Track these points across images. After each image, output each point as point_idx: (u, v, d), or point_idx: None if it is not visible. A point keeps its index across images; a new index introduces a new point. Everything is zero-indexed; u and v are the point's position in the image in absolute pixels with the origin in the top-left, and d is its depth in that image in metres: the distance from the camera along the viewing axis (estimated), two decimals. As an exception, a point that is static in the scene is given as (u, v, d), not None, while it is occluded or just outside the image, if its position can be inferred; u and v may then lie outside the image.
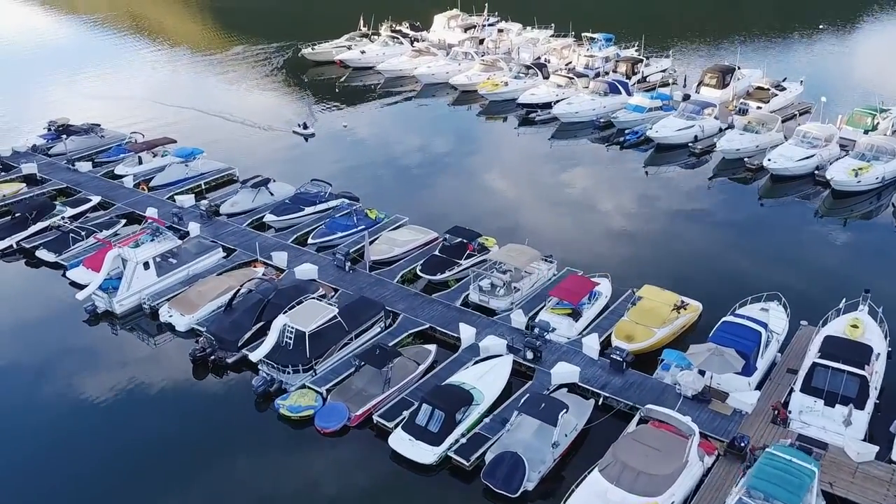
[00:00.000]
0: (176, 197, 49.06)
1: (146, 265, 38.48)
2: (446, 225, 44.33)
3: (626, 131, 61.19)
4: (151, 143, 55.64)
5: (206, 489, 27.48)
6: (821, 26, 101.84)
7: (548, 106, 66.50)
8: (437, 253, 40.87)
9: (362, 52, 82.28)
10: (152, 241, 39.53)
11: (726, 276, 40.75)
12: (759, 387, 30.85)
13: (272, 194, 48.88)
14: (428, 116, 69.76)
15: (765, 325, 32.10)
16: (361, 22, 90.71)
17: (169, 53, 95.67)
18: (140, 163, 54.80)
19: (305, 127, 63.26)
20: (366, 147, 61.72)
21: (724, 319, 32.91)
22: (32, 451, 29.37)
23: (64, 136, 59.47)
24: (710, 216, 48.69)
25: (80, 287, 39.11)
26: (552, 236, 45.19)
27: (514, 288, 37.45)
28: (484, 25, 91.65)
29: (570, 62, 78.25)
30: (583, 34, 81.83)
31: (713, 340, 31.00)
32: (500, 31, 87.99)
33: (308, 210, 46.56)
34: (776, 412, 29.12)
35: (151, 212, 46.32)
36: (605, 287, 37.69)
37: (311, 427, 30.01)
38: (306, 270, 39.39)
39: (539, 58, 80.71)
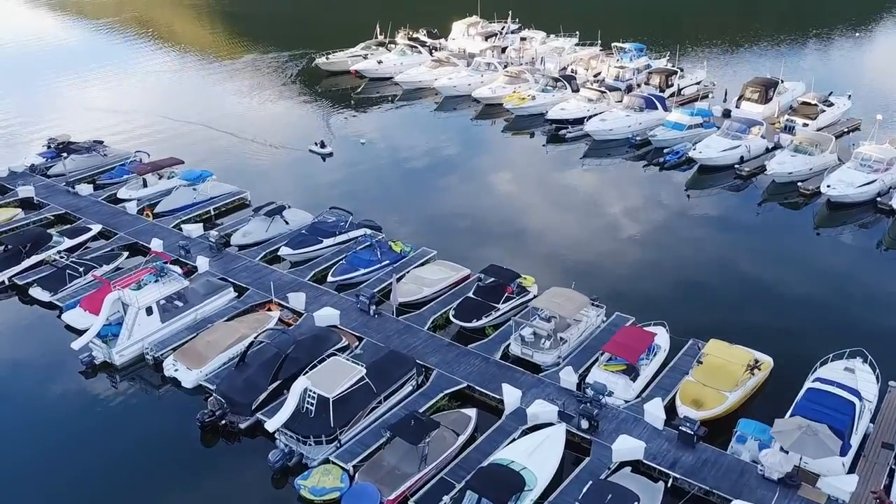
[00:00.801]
0: (183, 226, 45.13)
1: (149, 310, 34.56)
2: (476, 258, 40.84)
3: (665, 150, 57.01)
4: (157, 165, 51.75)
5: None
6: (857, 34, 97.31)
7: (578, 122, 62.37)
8: (471, 295, 36.81)
9: (379, 61, 78.21)
10: (156, 282, 35.58)
11: (792, 322, 36.59)
12: (852, 466, 26.71)
13: (287, 223, 44.96)
14: (450, 132, 65.65)
15: (858, 394, 27.94)
16: (377, 30, 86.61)
17: (177, 62, 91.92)
18: (145, 185, 50.94)
19: (323, 145, 59.29)
20: (386, 167, 57.71)
21: (808, 386, 28.77)
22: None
23: (64, 155, 55.74)
24: (763, 248, 44.40)
25: (76, 332, 35.37)
26: (593, 272, 41.18)
27: (561, 339, 33.37)
28: (504, 33, 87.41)
29: (599, 73, 74.02)
30: (612, 44, 77.48)
31: (799, 413, 26.86)
32: (523, 39, 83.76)
33: (327, 242, 42.58)
34: (879, 501, 24.99)
35: (156, 244, 42.43)
36: (662, 338, 33.58)
37: (336, 512, 26.07)
38: (327, 316, 35.43)
39: (565, 68, 76.59)
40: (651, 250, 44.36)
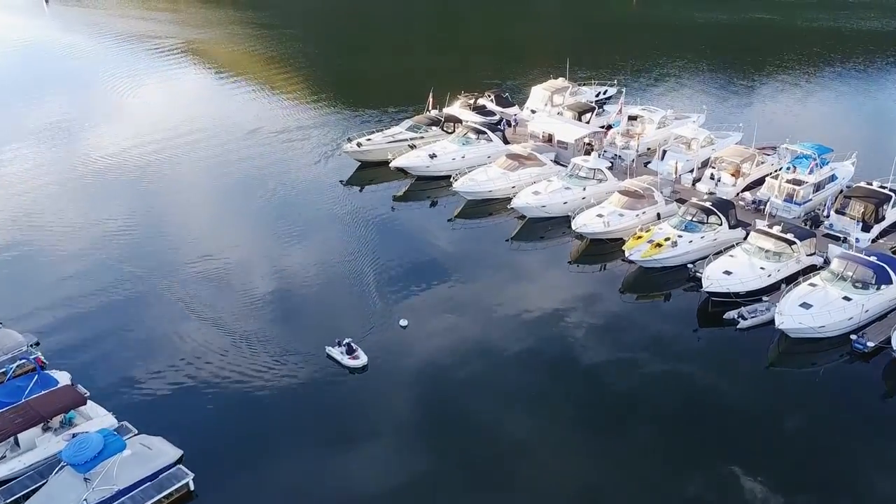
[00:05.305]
0: None
1: None
2: None
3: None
4: (35, 414, 28.78)
5: None
6: None
7: (754, 296, 38.47)
8: None
9: (431, 155, 54.65)
10: None
11: None
12: None
13: None
14: (539, 289, 41.79)
15: None
16: (430, 100, 63.30)
17: (130, 157, 69.02)
18: (17, 445, 28.49)
19: (350, 350, 35.13)
20: (445, 392, 33.54)
21: None
22: None
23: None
24: None
25: None
26: None
27: None
28: (601, 106, 63.70)
29: (758, 185, 49.51)
30: (783, 145, 52.77)
31: None
32: (632, 118, 59.79)
33: None
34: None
35: None
36: None
37: None
38: None
39: (701, 169, 52.43)
40: None
